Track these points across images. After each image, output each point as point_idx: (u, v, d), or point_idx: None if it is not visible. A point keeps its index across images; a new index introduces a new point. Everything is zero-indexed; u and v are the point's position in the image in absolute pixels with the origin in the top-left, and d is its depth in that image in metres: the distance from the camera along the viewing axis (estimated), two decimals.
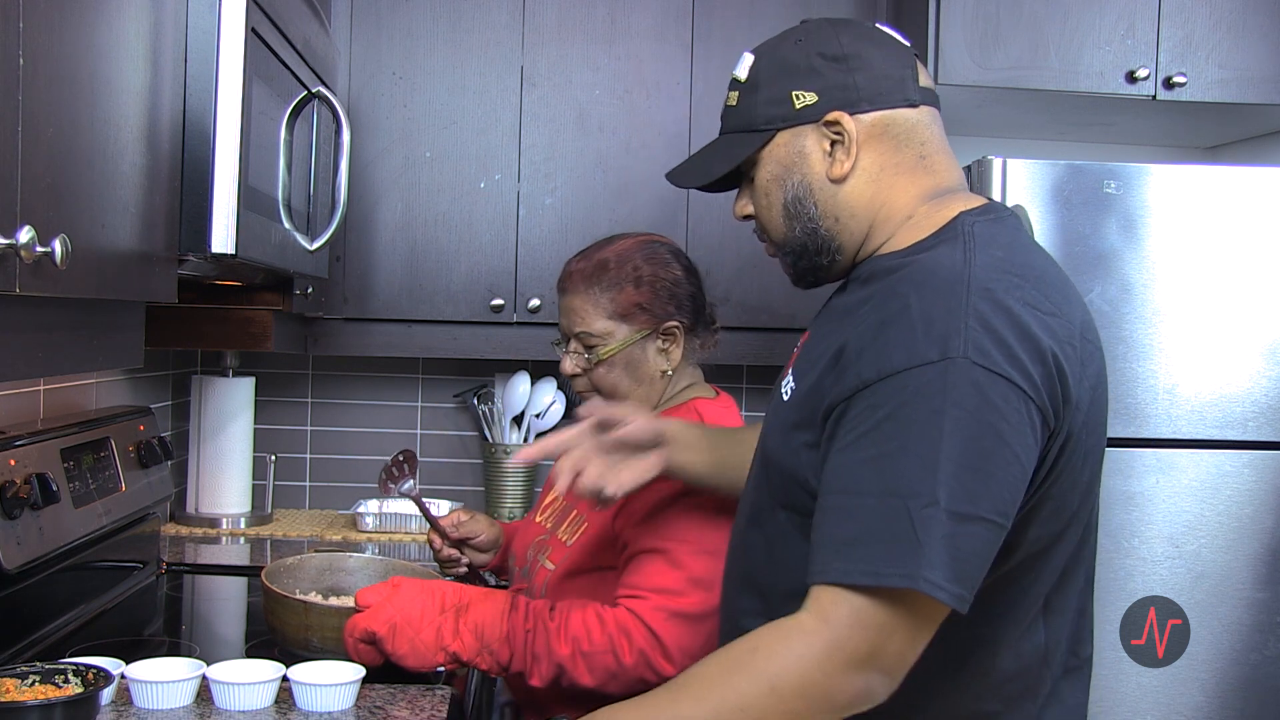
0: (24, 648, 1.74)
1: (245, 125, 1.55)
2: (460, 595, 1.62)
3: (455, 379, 3.08)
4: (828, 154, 1.33)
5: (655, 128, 2.71)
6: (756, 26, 2.68)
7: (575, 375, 1.85)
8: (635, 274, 1.79)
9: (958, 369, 1.14)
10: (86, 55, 1.18)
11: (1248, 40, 2.51)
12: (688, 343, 1.84)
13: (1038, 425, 1.17)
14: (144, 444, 2.17)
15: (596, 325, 1.79)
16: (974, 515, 1.13)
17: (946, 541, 1.12)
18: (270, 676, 1.53)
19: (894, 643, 1.15)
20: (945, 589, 1.12)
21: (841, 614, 1.15)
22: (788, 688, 1.16)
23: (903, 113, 1.33)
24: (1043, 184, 2.26)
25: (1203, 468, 2.28)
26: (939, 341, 1.16)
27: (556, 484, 1.57)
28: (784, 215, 1.36)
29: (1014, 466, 1.15)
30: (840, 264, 1.38)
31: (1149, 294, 2.27)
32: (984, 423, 1.14)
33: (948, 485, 1.12)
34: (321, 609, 1.70)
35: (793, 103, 1.33)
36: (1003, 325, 1.17)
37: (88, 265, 1.19)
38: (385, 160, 2.69)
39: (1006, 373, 1.15)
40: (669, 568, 1.62)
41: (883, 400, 1.17)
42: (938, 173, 1.35)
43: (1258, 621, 2.28)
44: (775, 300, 2.74)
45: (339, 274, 2.66)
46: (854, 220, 1.34)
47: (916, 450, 1.14)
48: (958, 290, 1.19)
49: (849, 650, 1.15)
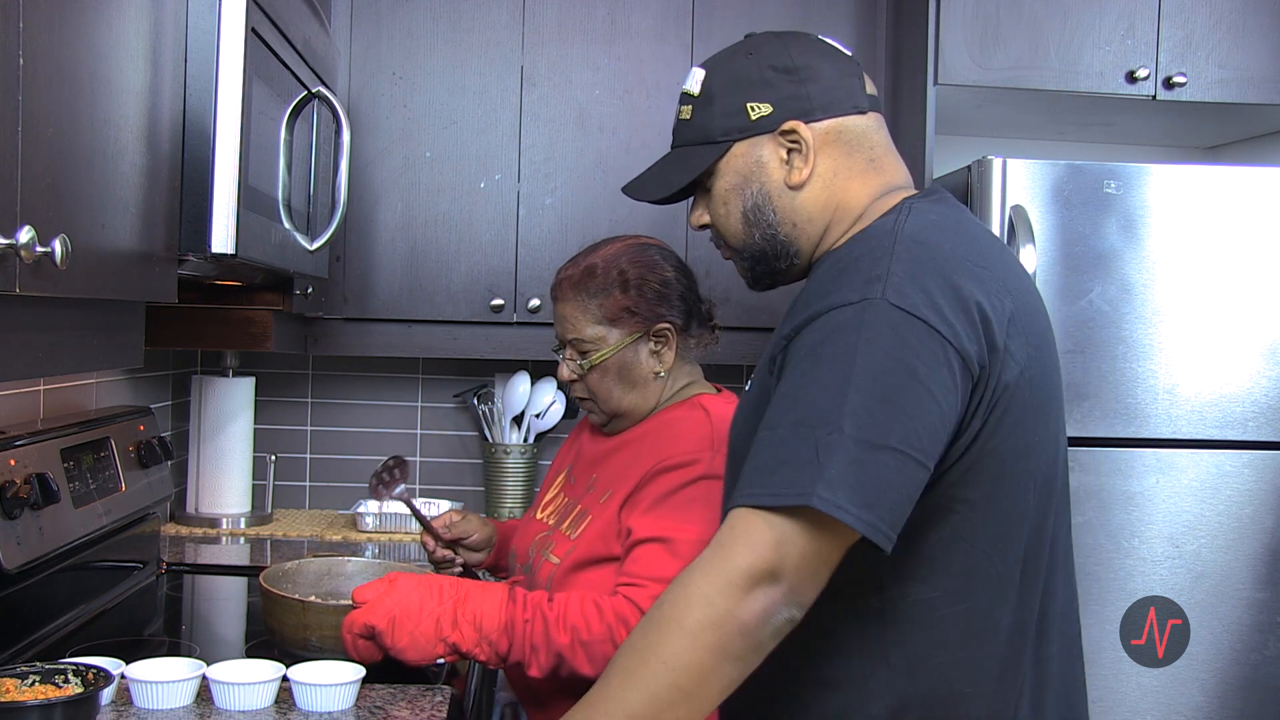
0: (24, 648, 1.74)
1: (245, 125, 1.55)
2: (458, 587, 1.62)
3: (455, 379, 3.08)
4: (784, 162, 1.38)
5: (655, 128, 2.71)
6: (756, 27, 2.66)
7: (572, 381, 1.86)
8: (622, 278, 1.80)
9: (875, 309, 1.18)
10: (86, 55, 1.18)
11: (1248, 40, 2.51)
12: (682, 343, 1.84)
13: (956, 369, 1.18)
14: (144, 444, 2.17)
15: (587, 331, 1.80)
16: (882, 444, 1.14)
17: (852, 466, 1.13)
18: (270, 676, 1.53)
19: (790, 558, 1.14)
20: (847, 510, 1.12)
21: (736, 535, 1.16)
22: (695, 623, 1.14)
23: (853, 119, 1.39)
24: (1043, 184, 2.26)
25: (1203, 468, 2.28)
26: (861, 285, 1.20)
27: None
28: (743, 222, 1.41)
29: (927, 403, 1.16)
30: (798, 266, 1.43)
31: (1149, 294, 2.27)
32: (896, 359, 1.16)
33: (854, 414, 1.14)
34: (319, 608, 1.70)
35: (748, 114, 1.37)
36: (925, 272, 1.21)
37: (88, 265, 1.19)
38: (385, 160, 2.69)
39: (924, 315, 1.18)
40: (670, 557, 1.62)
41: (805, 340, 1.22)
42: (886, 173, 1.40)
43: (1258, 621, 2.28)
44: (775, 300, 2.74)
45: (339, 274, 2.66)
46: (810, 224, 1.39)
47: (827, 382, 1.17)
48: (885, 242, 1.25)
49: (743, 568, 1.14)
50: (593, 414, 1.89)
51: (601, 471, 1.84)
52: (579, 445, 1.98)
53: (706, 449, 1.71)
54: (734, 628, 1.14)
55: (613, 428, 1.88)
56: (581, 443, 1.97)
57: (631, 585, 1.62)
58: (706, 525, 1.64)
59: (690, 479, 1.68)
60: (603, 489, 1.80)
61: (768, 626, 1.15)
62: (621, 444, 1.85)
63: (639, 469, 1.74)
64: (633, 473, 1.74)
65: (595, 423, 1.90)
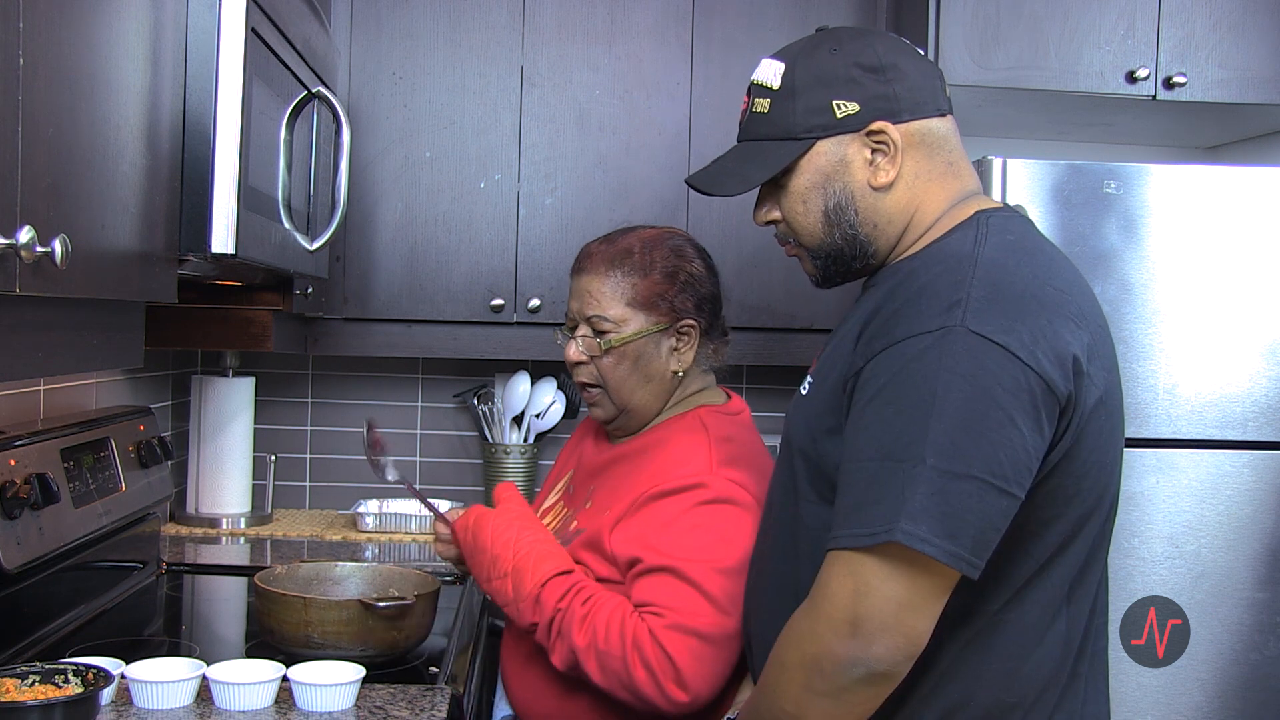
0: (24, 648, 1.74)
1: (245, 125, 1.55)
2: (519, 542, 1.67)
3: (455, 379, 3.08)
4: (869, 162, 1.36)
5: (655, 128, 2.71)
6: (756, 27, 2.68)
7: (580, 363, 1.76)
8: (663, 263, 1.73)
9: (954, 336, 1.18)
10: (86, 55, 1.18)
11: (1248, 40, 2.51)
12: (702, 346, 1.77)
13: (1039, 395, 1.18)
14: (144, 444, 2.17)
15: (612, 310, 1.72)
16: (964, 474, 1.14)
17: (933, 498, 1.14)
18: (270, 676, 1.53)
19: (877, 602, 1.16)
20: (932, 543, 1.13)
21: (830, 579, 1.19)
22: (791, 660, 1.22)
23: (935, 122, 1.38)
24: (1043, 184, 2.26)
25: (1203, 468, 2.28)
26: (941, 312, 1.20)
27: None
28: (823, 222, 1.38)
29: (1009, 429, 1.16)
30: (870, 267, 1.41)
31: (1149, 294, 2.27)
32: (978, 386, 1.16)
33: (936, 444, 1.15)
34: (320, 603, 1.70)
35: (834, 111, 1.35)
36: (1006, 298, 1.20)
37: (88, 265, 1.19)
38: (385, 160, 2.69)
39: (1004, 341, 1.17)
40: (683, 584, 1.57)
41: (884, 369, 1.21)
42: (962, 177, 1.40)
43: (1258, 621, 2.28)
44: (775, 300, 2.75)
45: (339, 274, 2.66)
46: (890, 226, 1.37)
47: (909, 413, 1.17)
48: (965, 266, 1.24)
49: (835, 613, 1.18)
50: (596, 407, 1.80)
51: (600, 484, 1.79)
52: (580, 452, 1.93)
53: (706, 471, 1.65)
54: (824, 670, 1.19)
55: (618, 425, 1.81)
56: (584, 449, 1.92)
57: (653, 613, 1.57)
58: (714, 549, 1.59)
59: (694, 504, 1.62)
60: (599, 505, 1.75)
61: (846, 675, 1.18)
62: (619, 457, 1.79)
63: (631, 488, 1.69)
64: (625, 492, 1.70)
65: (598, 419, 1.83)
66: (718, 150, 1.48)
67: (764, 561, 1.46)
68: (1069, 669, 1.32)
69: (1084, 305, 1.27)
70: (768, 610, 1.41)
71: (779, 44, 1.46)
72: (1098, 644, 1.37)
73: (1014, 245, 1.28)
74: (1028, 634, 1.28)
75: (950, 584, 1.18)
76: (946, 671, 1.26)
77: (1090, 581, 1.32)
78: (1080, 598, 1.31)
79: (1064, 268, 1.31)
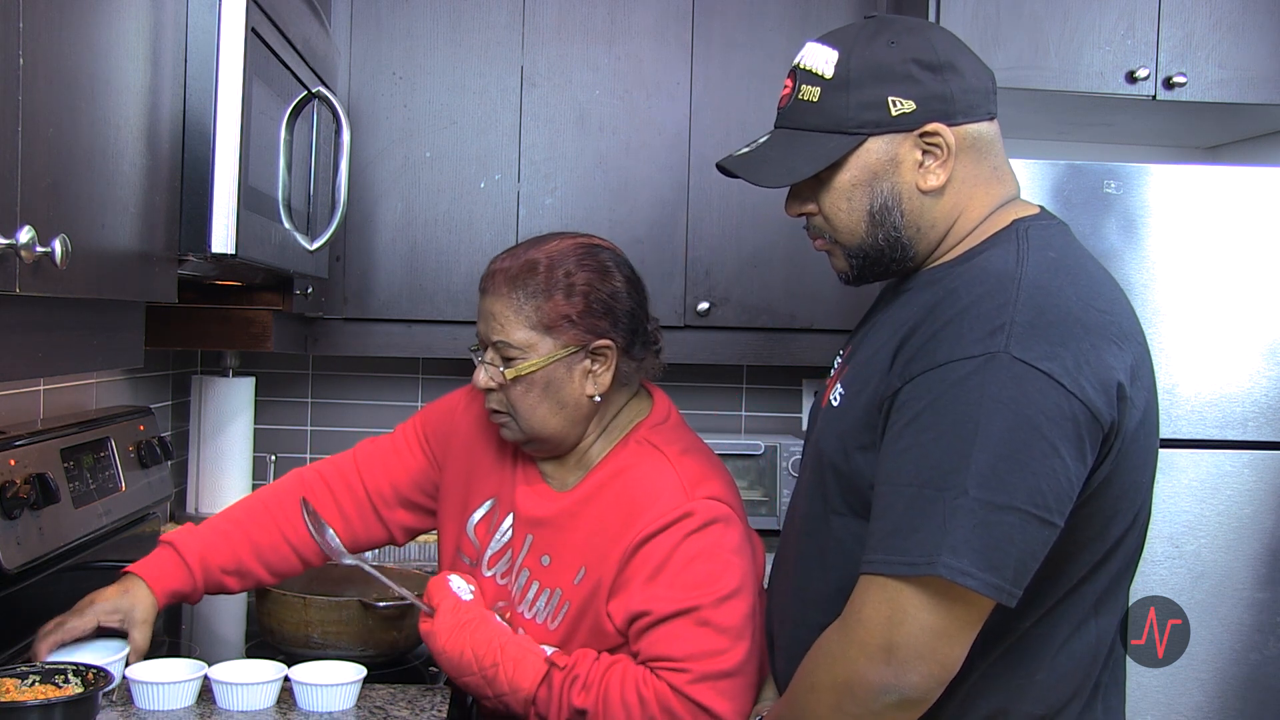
0: (24, 648, 1.73)
1: (245, 125, 1.55)
2: (495, 654, 1.53)
3: (455, 379, 3.08)
4: (919, 164, 1.31)
5: (655, 128, 2.71)
6: (756, 27, 2.68)
7: (490, 390, 1.61)
8: (568, 281, 1.57)
9: (998, 363, 1.15)
10: (86, 55, 1.18)
11: (1248, 40, 2.50)
12: (622, 365, 1.61)
13: (1082, 423, 1.16)
14: (144, 444, 2.17)
15: (516, 335, 1.57)
16: (1007, 505, 1.13)
17: (976, 530, 1.12)
18: (271, 677, 1.53)
19: (913, 630, 1.15)
20: (974, 575, 1.12)
21: (865, 604, 1.18)
22: (822, 683, 1.22)
23: (985, 125, 1.34)
24: (1043, 184, 2.26)
25: (1203, 468, 2.28)
26: (984, 337, 1.17)
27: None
28: (867, 221, 1.33)
29: (1052, 459, 1.15)
30: (906, 269, 1.37)
31: (1149, 294, 2.27)
32: (1020, 415, 1.14)
33: (978, 474, 1.13)
34: (320, 603, 1.70)
35: (889, 108, 1.30)
36: (1049, 323, 1.18)
37: (88, 265, 1.19)
38: (385, 160, 2.69)
39: (1047, 368, 1.15)
40: (700, 627, 1.49)
41: (924, 392, 1.19)
42: (1005, 182, 1.37)
43: (1258, 621, 2.28)
44: (775, 300, 2.74)
45: (339, 274, 2.66)
46: (934, 230, 1.34)
47: (951, 440, 1.15)
48: (1008, 288, 1.21)
49: (869, 639, 1.17)
50: (507, 430, 1.64)
51: (556, 540, 1.63)
52: (513, 480, 1.70)
53: (684, 498, 1.54)
54: (848, 694, 1.19)
55: (534, 448, 1.66)
56: (516, 483, 1.70)
57: (676, 669, 1.48)
58: (717, 578, 1.51)
59: (684, 535, 1.52)
60: (569, 565, 1.61)
61: (878, 700, 1.18)
62: (576, 507, 1.62)
63: (614, 547, 1.56)
64: (609, 552, 1.56)
65: (509, 439, 1.66)
66: (718, 151, 1.46)
67: (787, 565, 1.44)
68: (1094, 678, 1.31)
69: (1126, 324, 1.25)
70: (791, 616, 1.41)
71: (779, 44, 1.44)
72: (1116, 651, 1.36)
73: (1056, 264, 1.25)
74: (1057, 647, 1.27)
75: (986, 612, 1.18)
76: (975, 686, 1.25)
77: (1120, 593, 1.31)
78: (1109, 609, 1.30)
79: (1105, 284, 1.28)
